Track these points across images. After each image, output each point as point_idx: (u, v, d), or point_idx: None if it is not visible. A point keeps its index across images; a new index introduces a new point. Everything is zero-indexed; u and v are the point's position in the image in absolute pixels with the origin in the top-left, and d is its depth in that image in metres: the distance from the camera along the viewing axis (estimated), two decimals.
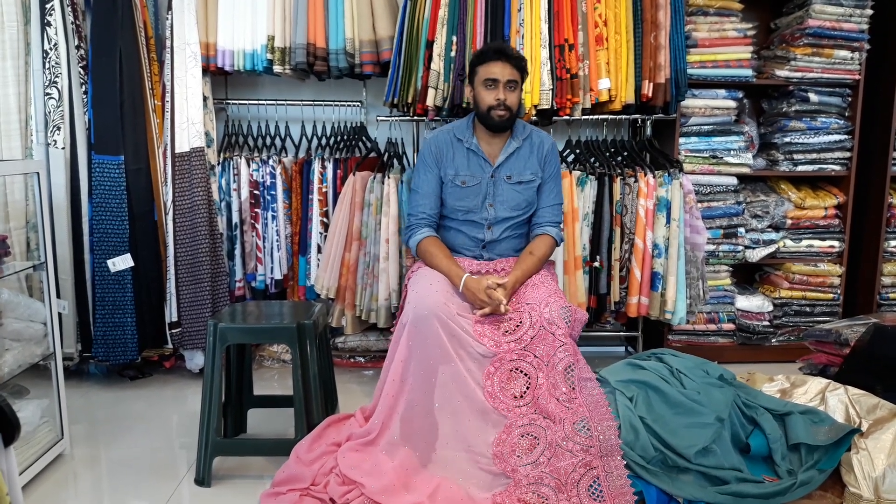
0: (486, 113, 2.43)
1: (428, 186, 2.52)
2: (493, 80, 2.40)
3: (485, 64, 2.43)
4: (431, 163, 2.53)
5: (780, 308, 3.50)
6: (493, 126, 2.46)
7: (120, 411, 2.89)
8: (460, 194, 2.51)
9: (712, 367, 2.31)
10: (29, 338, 2.34)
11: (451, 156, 2.53)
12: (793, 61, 3.33)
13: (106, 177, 2.97)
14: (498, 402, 2.14)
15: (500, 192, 2.51)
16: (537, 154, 2.55)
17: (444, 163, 2.52)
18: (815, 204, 3.44)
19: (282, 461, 2.19)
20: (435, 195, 2.52)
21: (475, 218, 2.52)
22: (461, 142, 2.53)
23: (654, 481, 1.97)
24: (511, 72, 2.41)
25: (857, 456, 2.01)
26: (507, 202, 2.51)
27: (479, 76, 2.44)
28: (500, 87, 2.40)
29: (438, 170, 2.52)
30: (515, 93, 2.44)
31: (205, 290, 3.12)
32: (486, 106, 2.43)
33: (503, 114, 2.42)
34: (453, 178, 2.51)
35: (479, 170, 2.52)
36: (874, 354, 2.47)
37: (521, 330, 2.20)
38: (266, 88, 3.64)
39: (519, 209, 2.53)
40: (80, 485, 2.31)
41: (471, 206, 2.51)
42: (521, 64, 2.46)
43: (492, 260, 2.55)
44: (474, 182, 2.51)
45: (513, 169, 2.52)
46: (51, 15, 2.89)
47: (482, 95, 2.43)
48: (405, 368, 2.19)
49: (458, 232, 2.56)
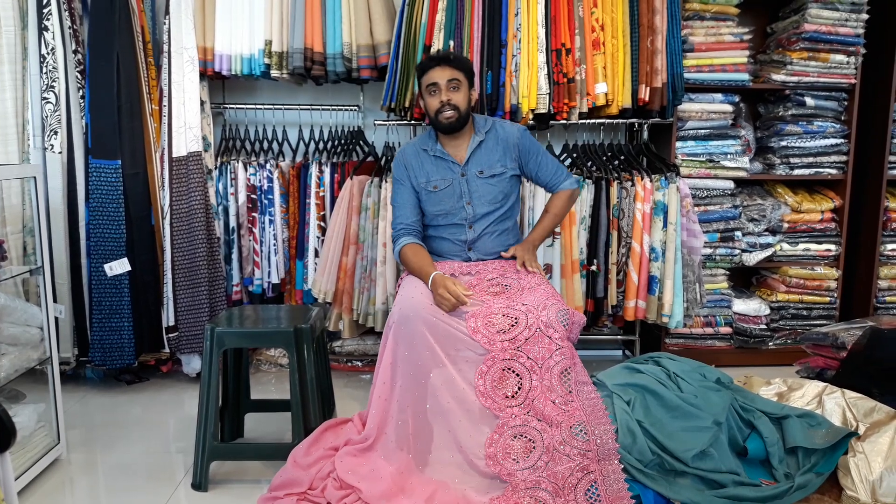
0: (435, 118, 2.49)
1: (402, 198, 2.56)
2: (433, 84, 2.46)
3: (425, 73, 2.49)
4: (402, 176, 2.58)
5: (777, 311, 3.50)
6: (444, 129, 2.50)
7: (117, 416, 2.88)
8: (436, 199, 2.54)
9: (709, 371, 2.31)
10: (25, 342, 2.34)
11: (419, 165, 2.57)
12: (789, 65, 3.34)
13: (103, 181, 2.97)
14: (490, 402, 2.14)
15: (475, 188, 2.54)
16: (503, 146, 2.56)
17: (415, 173, 2.56)
18: (812, 207, 3.45)
19: (279, 465, 2.19)
20: (411, 205, 2.55)
21: (455, 220, 2.54)
22: (426, 151, 2.58)
23: (652, 485, 1.97)
24: (451, 72, 2.45)
25: (855, 459, 2.01)
26: (483, 196, 2.53)
27: (423, 86, 2.51)
28: (442, 90, 2.45)
29: (410, 181, 2.56)
30: (461, 92, 2.47)
31: (202, 295, 3.12)
32: (433, 111, 2.49)
33: (450, 114, 2.46)
34: (426, 185, 2.55)
35: (448, 172, 2.55)
36: (871, 358, 2.48)
37: (515, 329, 2.19)
38: (263, 93, 3.65)
39: (496, 202, 2.55)
40: (77, 490, 2.30)
41: (448, 208, 2.54)
42: (462, 64, 2.50)
43: (481, 261, 2.55)
44: (446, 184, 2.54)
45: (482, 163, 2.55)
46: (48, 19, 2.89)
47: (428, 102, 2.50)
48: (393, 371, 2.20)
49: (442, 239, 2.59)
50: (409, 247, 2.48)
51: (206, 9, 3.15)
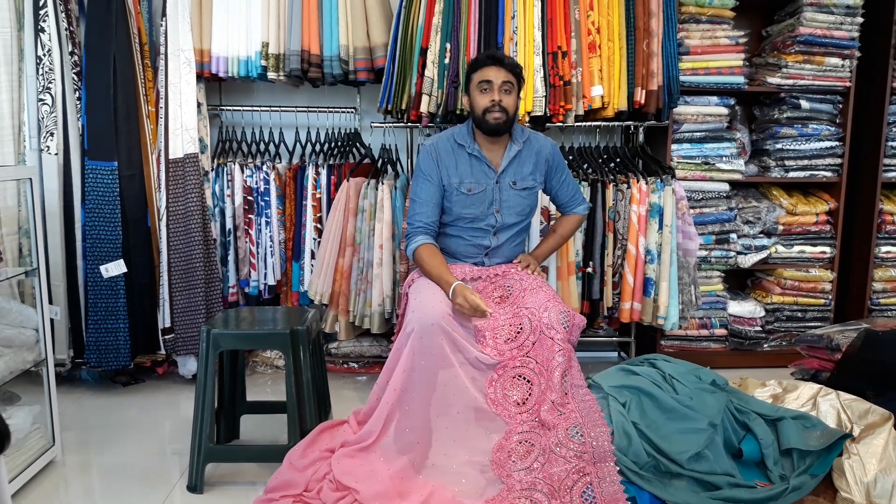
0: (482, 116, 2.42)
1: (426, 194, 2.48)
2: (487, 81, 2.41)
3: (479, 70, 2.44)
4: (432, 170, 2.49)
5: (772, 313, 3.51)
6: (489, 129, 2.44)
7: (112, 418, 2.87)
8: (466, 202, 2.49)
9: (705, 373, 2.31)
10: (21, 344, 2.33)
11: (453, 163, 2.50)
12: (784, 68, 3.35)
13: (99, 182, 2.96)
14: (500, 409, 2.15)
15: (507, 198, 2.51)
16: (536, 159, 2.55)
17: (448, 171, 2.49)
18: (807, 210, 3.46)
19: (275, 467, 2.19)
20: (434, 203, 2.48)
21: (481, 224, 2.51)
22: (462, 147, 2.51)
23: (647, 487, 1.98)
24: (506, 75, 2.42)
25: (849, 461, 2.02)
26: (513, 208, 2.52)
27: (474, 81, 2.45)
28: (495, 89, 2.40)
29: (440, 178, 2.49)
30: (511, 96, 2.43)
31: (198, 296, 3.12)
32: (481, 109, 2.42)
33: (499, 116, 2.41)
34: (458, 186, 2.49)
35: (483, 176, 2.50)
36: (866, 359, 2.49)
37: (521, 336, 2.20)
38: (260, 95, 3.64)
39: (523, 214, 2.56)
40: (72, 492, 2.29)
41: (477, 213, 2.50)
42: (517, 69, 2.46)
43: (492, 266, 2.56)
44: (480, 189, 2.49)
45: (516, 174, 2.53)
46: (45, 21, 2.88)
47: (477, 99, 2.44)
48: (407, 378, 2.17)
49: (461, 239, 2.55)
50: (426, 248, 2.43)
51: (203, 11, 3.15)
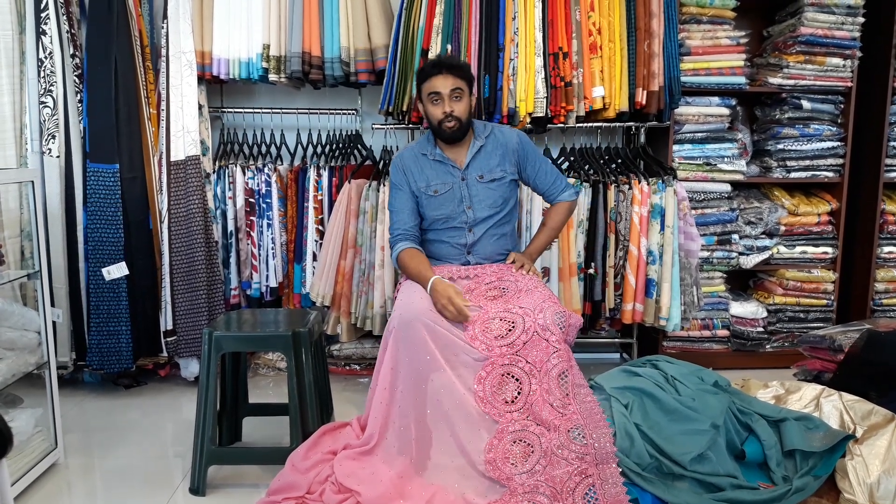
0: (438, 127, 2.47)
1: (400, 203, 2.55)
2: (436, 93, 2.43)
3: (427, 80, 2.45)
4: (401, 181, 2.56)
5: (775, 314, 3.50)
6: (446, 138, 2.50)
7: (114, 420, 2.88)
8: (436, 203, 2.54)
9: (707, 374, 2.31)
10: (23, 347, 2.34)
11: (419, 169, 2.56)
12: (785, 69, 3.35)
13: (101, 185, 2.97)
14: (489, 407, 2.14)
15: (475, 192, 2.54)
16: (503, 150, 2.56)
17: (414, 177, 2.55)
18: (809, 210, 3.46)
19: (277, 470, 2.19)
20: (409, 210, 2.54)
21: (455, 223, 2.54)
22: (426, 156, 2.57)
23: (650, 488, 1.98)
24: (453, 81, 2.43)
25: (852, 462, 2.01)
26: (483, 201, 2.54)
27: (424, 92, 2.47)
28: (445, 100, 2.43)
29: (409, 186, 2.55)
30: (462, 101, 2.46)
31: (200, 298, 3.12)
32: (436, 120, 2.47)
33: (452, 125, 2.45)
34: (426, 189, 2.54)
35: (448, 176, 2.54)
36: (868, 360, 2.48)
37: (513, 334, 2.20)
38: (261, 97, 3.65)
39: (496, 206, 2.56)
40: (74, 494, 2.30)
41: (448, 212, 2.54)
42: (464, 72, 2.47)
43: (479, 265, 2.55)
44: (447, 188, 2.53)
45: (482, 168, 2.55)
46: (46, 24, 2.89)
47: (430, 110, 2.47)
48: (394, 376, 2.20)
49: (441, 242, 2.58)
50: (407, 252, 2.48)
51: (204, 13, 3.15)
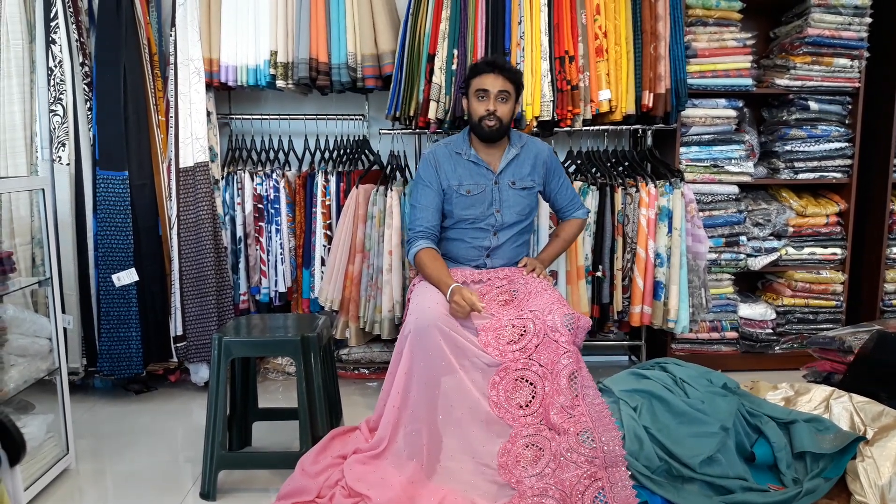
0: (478, 123, 2.50)
1: (427, 199, 2.55)
2: (483, 90, 2.47)
3: (477, 76, 2.50)
4: (431, 176, 2.56)
5: (783, 316, 3.49)
6: (483, 136, 2.53)
7: (125, 425, 2.89)
8: (466, 203, 2.55)
9: (716, 376, 2.31)
10: (34, 353, 2.35)
11: (452, 168, 2.57)
12: (792, 70, 3.34)
13: (110, 192, 2.99)
14: (503, 412, 2.14)
15: (506, 197, 2.57)
16: (534, 161, 2.61)
17: (447, 175, 2.56)
18: (817, 211, 3.45)
19: (287, 474, 2.19)
20: (434, 208, 2.55)
21: (482, 225, 2.56)
22: (460, 155, 2.59)
23: (659, 491, 1.97)
24: (503, 83, 2.47)
25: (863, 464, 2.00)
26: (513, 207, 2.57)
27: (472, 88, 2.51)
28: (491, 98, 2.47)
29: (439, 183, 2.56)
30: (507, 104, 2.50)
31: (209, 304, 3.13)
32: (477, 116, 2.50)
33: (493, 124, 2.48)
34: (458, 188, 2.55)
35: (482, 178, 2.56)
36: (878, 361, 2.47)
37: (525, 338, 2.21)
38: (269, 103, 3.67)
39: (523, 213, 2.60)
40: (86, 500, 2.31)
41: (478, 213, 2.56)
42: (515, 76, 2.50)
43: (494, 268, 2.56)
44: (479, 190, 2.56)
45: (515, 175, 2.59)
46: (55, 33, 2.92)
47: (474, 106, 2.51)
48: (408, 380, 2.20)
49: (462, 242, 2.59)
50: (427, 252, 2.48)
51: (212, 20, 3.17)
